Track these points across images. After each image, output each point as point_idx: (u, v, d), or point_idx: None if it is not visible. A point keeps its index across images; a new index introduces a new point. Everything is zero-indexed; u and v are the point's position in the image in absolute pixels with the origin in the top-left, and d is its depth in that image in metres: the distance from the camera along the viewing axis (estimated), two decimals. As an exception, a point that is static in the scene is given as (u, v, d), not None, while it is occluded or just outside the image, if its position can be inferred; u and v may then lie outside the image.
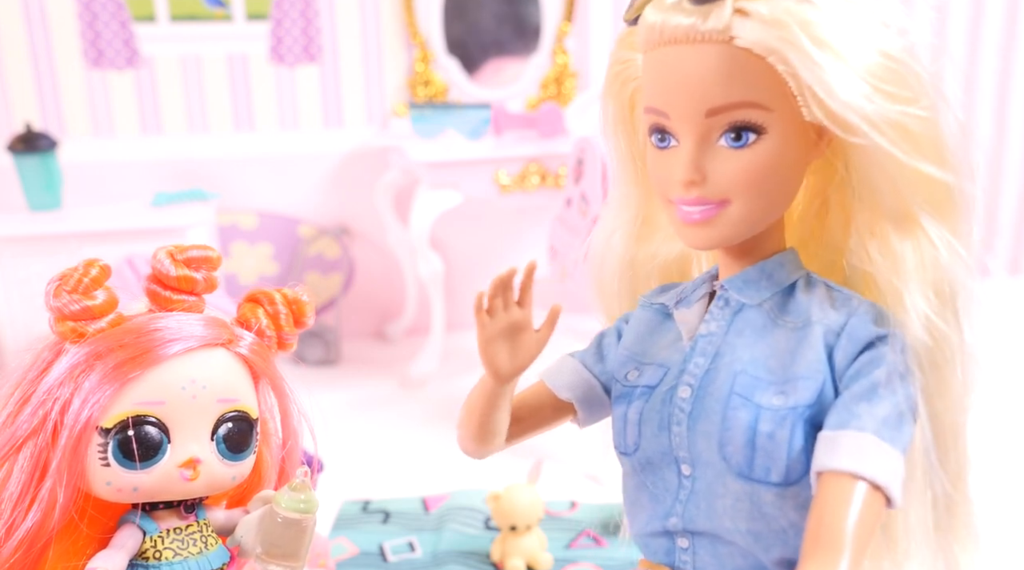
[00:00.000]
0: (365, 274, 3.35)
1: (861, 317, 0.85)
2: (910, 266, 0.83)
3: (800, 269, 0.91)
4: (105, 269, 0.85)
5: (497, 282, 0.93)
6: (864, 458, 0.78)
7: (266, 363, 0.90)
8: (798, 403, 0.83)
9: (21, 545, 0.81)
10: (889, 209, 0.84)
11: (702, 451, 0.87)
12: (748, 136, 0.82)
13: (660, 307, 0.98)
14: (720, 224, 0.86)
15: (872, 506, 0.78)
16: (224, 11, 3.05)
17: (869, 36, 0.80)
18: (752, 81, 0.81)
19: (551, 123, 2.92)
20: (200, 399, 0.84)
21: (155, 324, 0.84)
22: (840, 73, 0.77)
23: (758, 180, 0.83)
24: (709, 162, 0.84)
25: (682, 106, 0.83)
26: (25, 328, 2.68)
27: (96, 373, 0.81)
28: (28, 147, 2.69)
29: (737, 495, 0.86)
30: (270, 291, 0.93)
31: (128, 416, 0.82)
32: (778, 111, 0.82)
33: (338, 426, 2.67)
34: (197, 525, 0.89)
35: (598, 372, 1.01)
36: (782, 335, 0.87)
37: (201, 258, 0.89)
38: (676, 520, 0.90)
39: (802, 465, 0.83)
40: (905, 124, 0.80)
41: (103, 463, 0.82)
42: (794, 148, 0.84)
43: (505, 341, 0.95)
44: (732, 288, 0.91)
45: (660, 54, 0.84)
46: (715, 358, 0.89)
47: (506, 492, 1.96)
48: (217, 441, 0.86)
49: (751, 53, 0.80)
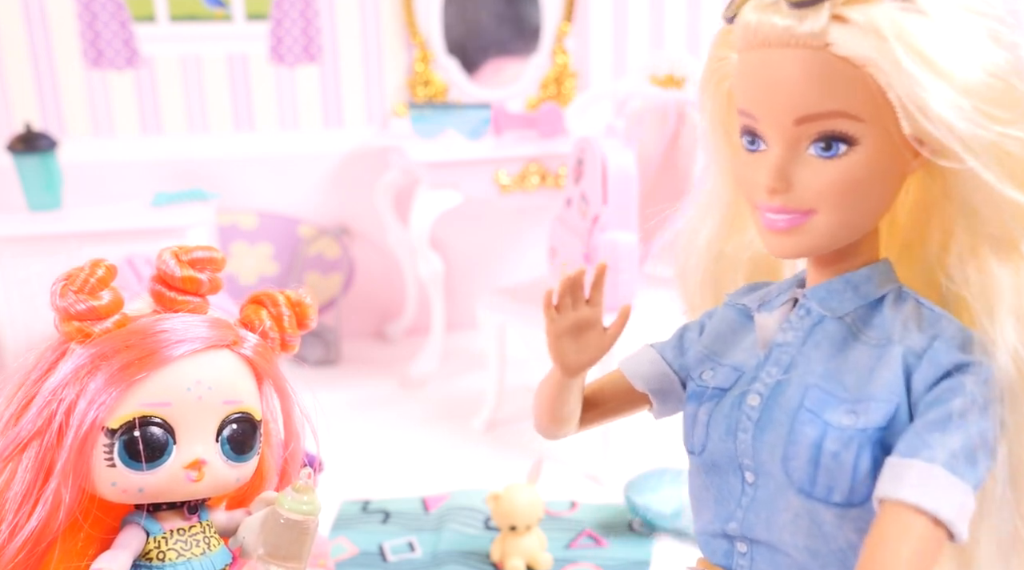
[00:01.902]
0: (365, 274, 3.35)
1: (946, 341, 0.81)
2: (1006, 294, 0.80)
3: (891, 282, 0.88)
4: (111, 269, 0.85)
5: (567, 281, 0.94)
6: (930, 490, 0.75)
7: (269, 364, 0.90)
8: (868, 425, 0.80)
9: (25, 545, 0.81)
10: (990, 233, 0.80)
11: (766, 462, 0.85)
12: (839, 146, 0.79)
13: (743, 308, 0.96)
14: (804, 234, 0.83)
15: (931, 542, 0.75)
16: (224, 11, 3.05)
17: (975, 51, 0.76)
18: (846, 90, 0.78)
19: (551, 123, 2.92)
20: (206, 400, 0.84)
21: (161, 325, 0.84)
22: (937, 90, 0.74)
23: (846, 193, 0.80)
24: (796, 170, 0.81)
25: (772, 111, 0.81)
26: (25, 328, 2.68)
27: (102, 374, 0.81)
28: (28, 147, 2.69)
29: (797, 511, 0.84)
30: (273, 293, 0.93)
31: (134, 417, 0.82)
32: (872, 123, 0.79)
33: (338, 426, 2.67)
34: (200, 526, 0.89)
35: (677, 366, 1.00)
36: (861, 351, 0.84)
37: (206, 259, 0.89)
38: (736, 525, 0.89)
39: (867, 488, 0.80)
40: (1006, 147, 0.76)
41: (109, 464, 0.82)
42: (887, 162, 0.81)
43: (573, 337, 0.96)
44: (814, 298, 0.88)
45: (754, 55, 0.82)
46: (788, 369, 0.87)
47: (506, 492, 1.96)
48: (222, 442, 0.86)
49: (847, 61, 0.77)
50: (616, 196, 2.37)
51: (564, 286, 0.94)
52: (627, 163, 2.38)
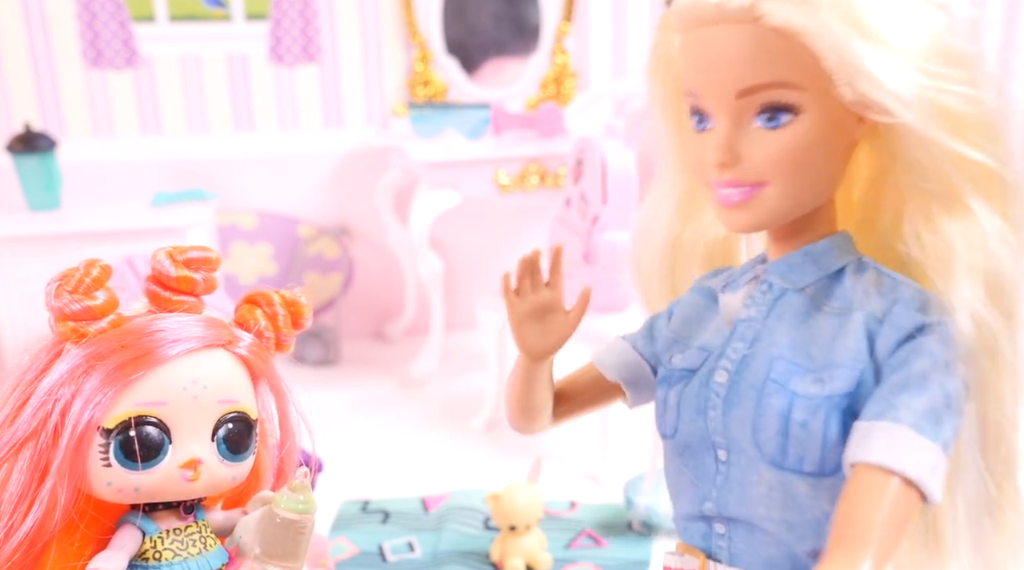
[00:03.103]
0: (365, 274, 3.35)
1: (906, 304, 0.82)
2: (959, 250, 0.80)
3: (851, 253, 0.89)
4: (106, 269, 0.85)
5: (523, 263, 0.94)
6: (897, 451, 0.76)
7: (265, 364, 0.90)
8: (834, 392, 0.81)
9: (21, 546, 0.81)
10: (937, 192, 0.81)
11: (736, 437, 0.86)
12: (782, 116, 0.81)
13: (708, 290, 0.97)
14: (757, 206, 0.84)
15: (903, 502, 0.75)
16: (223, 11, 3.05)
17: (905, 11, 0.78)
18: (783, 61, 0.79)
19: (550, 123, 2.92)
20: (201, 400, 0.84)
21: (156, 325, 0.84)
22: (869, 52, 0.75)
23: (794, 161, 0.81)
24: (743, 144, 0.82)
25: (713, 88, 0.82)
26: (25, 328, 2.68)
27: (97, 374, 0.81)
28: (27, 147, 2.69)
29: (770, 484, 0.84)
30: (268, 292, 0.92)
31: (130, 416, 0.82)
32: (812, 90, 0.80)
33: (338, 426, 2.67)
34: (196, 526, 0.89)
35: (648, 354, 1.00)
36: (824, 320, 0.85)
37: (201, 259, 0.89)
38: (711, 505, 0.89)
39: (838, 456, 0.81)
40: (942, 103, 0.78)
41: (104, 464, 0.82)
42: (831, 128, 0.82)
43: (536, 322, 0.97)
44: (775, 272, 0.89)
45: (692, 36, 0.83)
46: (753, 343, 0.87)
47: (505, 492, 1.96)
48: (218, 442, 0.86)
49: (780, 32, 0.78)
50: (615, 196, 2.37)
51: (521, 268, 0.94)
52: (627, 163, 2.38)
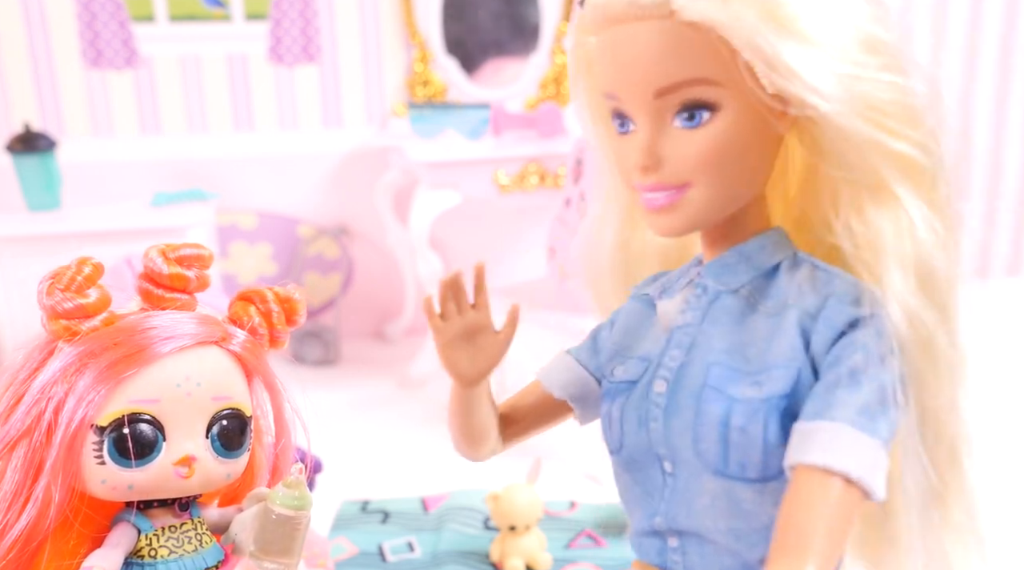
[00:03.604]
0: (364, 274, 3.35)
1: (839, 299, 0.80)
2: (888, 240, 0.79)
3: (786, 249, 0.86)
4: (98, 267, 0.84)
5: (444, 285, 0.90)
6: (837, 450, 0.74)
7: (259, 361, 0.90)
8: (772, 394, 0.79)
9: (15, 544, 0.81)
10: (863, 181, 0.79)
11: (679, 447, 0.84)
12: (701, 114, 0.78)
13: (646, 298, 0.94)
14: (684, 209, 0.81)
15: (846, 502, 0.73)
16: (223, 11, 3.05)
17: (821, 1, 0.76)
18: (699, 56, 0.77)
19: (550, 123, 2.92)
20: (195, 397, 0.84)
21: (148, 322, 0.84)
22: (785, 44, 0.73)
23: (717, 160, 0.79)
24: (665, 145, 0.80)
25: (631, 88, 0.80)
26: (24, 328, 2.68)
27: (90, 372, 0.81)
28: (27, 147, 2.69)
29: (714, 493, 0.82)
30: (262, 289, 0.92)
31: (123, 414, 0.81)
32: (730, 86, 0.78)
33: (337, 426, 2.67)
34: (191, 523, 0.89)
35: (593, 368, 0.98)
36: (759, 321, 0.83)
37: (193, 256, 0.89)
38: (661, 519, 0.87)
39: (779, 459, 0.79)
40: (865, 92, 0.76)
41: (98, 461, 0.82)
42: (753, 124, 0.80)
43: (465, 344, 0.93)
44: (709, 275, 0.87)
45: (607, 35, 0.81)
46: (690, 349, 0.85)
47: (505, 492, 1.96)
48: (212, 439, 0.86)
49: (695, 27, 0.76)
50: (615, 195, 2.36)
51: (443, 290, 0.90)
52: (626, 162, 2.38)
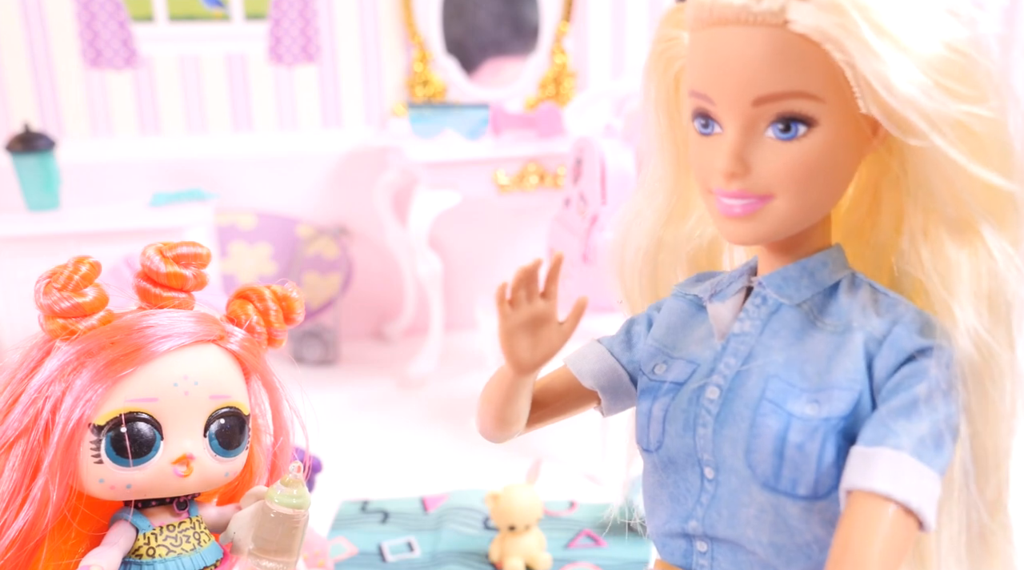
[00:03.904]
0: (364, 274, 3.35)
1: (906, 326, 0.79)
2: (964, 276, 0.77)
3: (845, 268, 0.86)
4: (95, 266, 0.84)
5: (521, 273, 0.88)
6: (898, 479, 0.74)
7: (256, 359, 0.90)
8: (832, 414, 0.78)
9: (14, 543, 0.81)
10: (946, 214, 0.78)
11: (727, 456, 0.83)
12: (798, 128, 0.77)
13: (694, 298, 0.93)
14: (762, 220, 0.80)
15: (902, 531, 0.73)
16: (222, 11, 3.05)
17: (934, 26, 0.74)
18: (805, 69, 0.75)
19: (550, 123, 2.92)
20: (193, 395, 0.84)
21: (146, 321, 0.84)
22: (900, 65, 0.72)
23: (806, 175, 0.78)
24: (754, 153, 0.78)
25: (728, 92, 0.78)
26: (24, 328, 2.68)
27: (88, 371, 0.81)
28: (26, 147, 2.69)
29: (762, 506, 0.82)
30: (259, 287, 0.92)
31: (121, 413, 0.82)
32: (831, 103, 0.76)
33: (337, 426, 2.67)
34: (190, 522, 0.89)
35: (625, 361, 0.96)
36: (820, 339, 0.82)
37: (191, 255, 0.88)
38: (696, 524, 0.86)
39: (832, 479, 0.78)
40: (968, 124, 0.74)
41: (96, 460, 0.82)
42: (846, 143, 0.79)
43: (527, 333, 0.90)
44: (770, 286, 0.86)
45: (708, 34, 0.79)
46: (747, 359, 0.84)
47: (505, 492, 1.96)
48: (210, 437, 0.86)
49: (805, 39, 0.74)
50: (615, 196, 2.36)
51: (518, 279, 0.89)
52: (626, 163, 2.38)
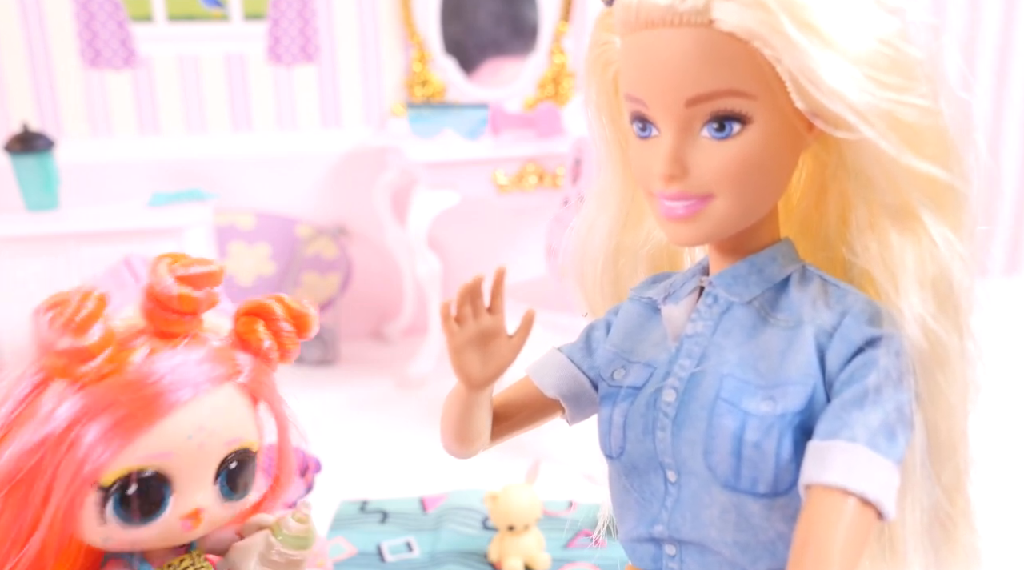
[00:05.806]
0: (363, 274, 3.35)
1: (855, 317, 0.79)
2: (909, 264, 0.78)
3: (795, 262, 0.86)
4: (102, 300, 0.79)
5: (464, 290, 0.88)
6: (854, 471, 0.74)
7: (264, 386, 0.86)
8: (787, 410, 0.78)
9: None
10: (887, 203, 0.78)
11: (687, 459, 0.83)
12: (732, 126, 0.77)
13: (649, 301, 0.93)
14: (704, 220, 0.80)
15: (862, 522, 0.74)
16: (221, 11, 3.05)
17: (861, 17, 0.74)
18: (735, 67, 0.75)
19: (549, 123, 2.92)
20: (207, 446, 0.79)
21: (155, 370, 0.78)
22: (826, 59, 0.72)
23: (744, 173, 0.78)
24: (691, 154, 0.78)
25: (661, 95, 0.78)
26: (22, 329, 2.68)
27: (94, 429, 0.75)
28: (25, 147, 2.69)
29: (724, 506, 0.82)
30: (270, 304, 0.87)
31: (129, 471, 0.76)
32: (764, 99, 0.76)
33: (336, 426, 2.67)
34: (190, 557, 0.86)
35: (586, 367, 0.96)
36: (773, 335, 0.82)
37: (204, 275, 0.83)
38: (662, 528, 0.86)
39: (791, 475, 0.78)
40: (898, 114, 0.74)
41: (99, 521, 0.77)
42: (782, 138, 0.78)
43: (477, 349, 0.91)
44: (720, 285, 0.86)
45: (637, 38, 0.78)
46: (701, 360, 0.84)
47: (504, 492, 1.96)
48: (221, 483, 0.82)
49: (733, 37, 0.74)
50: (614, 196, 2.37)
51: (462, 295, 0.88)
52: (625, 163, 2.38)
